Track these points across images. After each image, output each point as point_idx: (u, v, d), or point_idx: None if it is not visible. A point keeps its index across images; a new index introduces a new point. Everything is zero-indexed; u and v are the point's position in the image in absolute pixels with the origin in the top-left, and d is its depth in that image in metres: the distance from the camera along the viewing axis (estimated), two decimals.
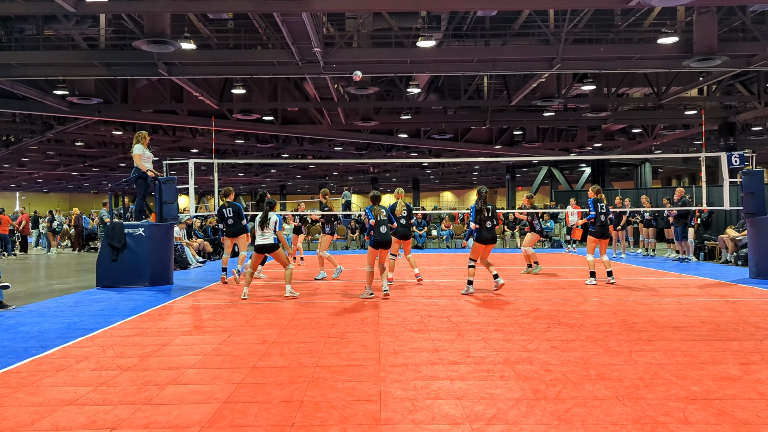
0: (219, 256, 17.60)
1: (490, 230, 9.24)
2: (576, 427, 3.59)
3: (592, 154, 32.15)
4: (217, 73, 17.10)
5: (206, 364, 5.12)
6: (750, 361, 5.02)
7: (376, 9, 14.12)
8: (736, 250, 13.65)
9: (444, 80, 22.77)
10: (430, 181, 60.83)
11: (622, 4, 12.11)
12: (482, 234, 9.17)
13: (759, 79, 20.83)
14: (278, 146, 33.00)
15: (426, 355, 5.32)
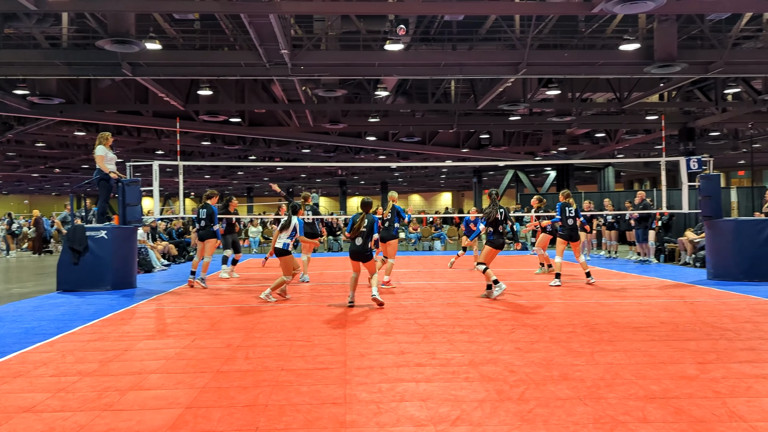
0: (184, 259, 17.37)
1: (502, 235, 9.09)
2: (538, 427, 3.64)
3: (557, 158, 32.68)
4: (183, 74, 16.87)
5: (169, 368, 5.05)
6: (706, 360, 5.16)
7: (343, 12, 14.13)
8: (695, 252, 14.02)
9: (412, 83, 22.89)
10: (398, 183, 60.97)
11: (586, 10, 12.35)
12: (497, 238, 8.99)
13: (716, 86, 21.45)
14: (245, 148, 32.70)
15: (392, 358, 5.34)
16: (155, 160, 12.10)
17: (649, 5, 11.38)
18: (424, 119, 26.40)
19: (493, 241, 8.99)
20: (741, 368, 4.88)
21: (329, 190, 65.07)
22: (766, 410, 3.87)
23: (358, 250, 8.12)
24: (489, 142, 31.38)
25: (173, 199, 59.24)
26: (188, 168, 41.11)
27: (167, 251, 16.30)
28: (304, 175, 53.32)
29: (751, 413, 3.82)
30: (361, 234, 8.12)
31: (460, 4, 12.95)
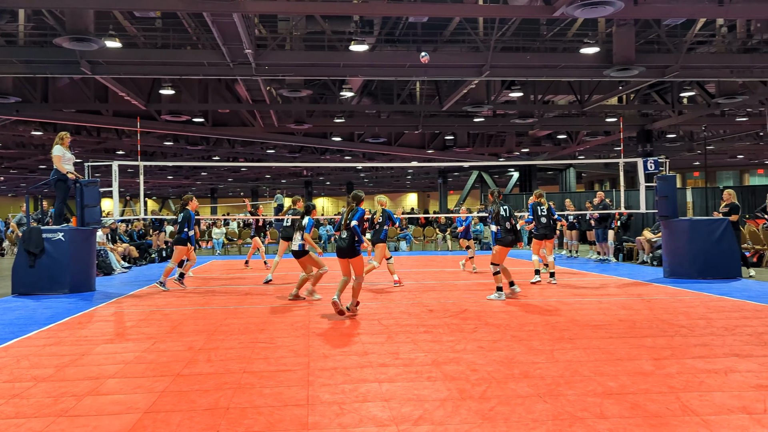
0: (146, 261, 17.06)
1: (509, 231, 8.88)
2: (499, 425, 3.69)
3: (520, 159, 33.15)
4: (144, 72, 16.58)
5: (128, 373, 4.96)
6: (662, 356, 5.30)
7: (308, 12, 14.07)
8: (652, 251, 14.38)
9: (377, 84, 22.94)
10: (364, 184, 61.00)
11: (547, 14, 12.57)
12: (505, 236, 8.82)
13: (673, 89, 22.07)
14: (209, 149, 32.31)
15: (355, 358, 5.34)
16: (115, 160, 11.87)
17: (608, 10, 11.65)
18: (390, 120, 26.49)
19: (501, 239, 8.83)
20: (694, 363, 5.02)
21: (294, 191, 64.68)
22: (717, 404, 4.00)
23: (343, 245, 7.50)
24: (454, 144, 31.67)
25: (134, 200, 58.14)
26: (150, 168, 40.38)
27: (128, 253, 16.00)
28: (268, 176, 52.91)
29: (702, 407, 3.94)
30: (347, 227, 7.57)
31: (425, 6, 13.04)
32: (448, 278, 11.95)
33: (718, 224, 11.14)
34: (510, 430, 3.61)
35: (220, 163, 36.71)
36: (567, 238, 17.60)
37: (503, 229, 8.80)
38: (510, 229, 8.81)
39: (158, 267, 15.92)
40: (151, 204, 66.35)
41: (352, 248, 7.47)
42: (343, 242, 7.50)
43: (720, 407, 3.93)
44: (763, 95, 20.81)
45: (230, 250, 22.56)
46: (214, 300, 9.25)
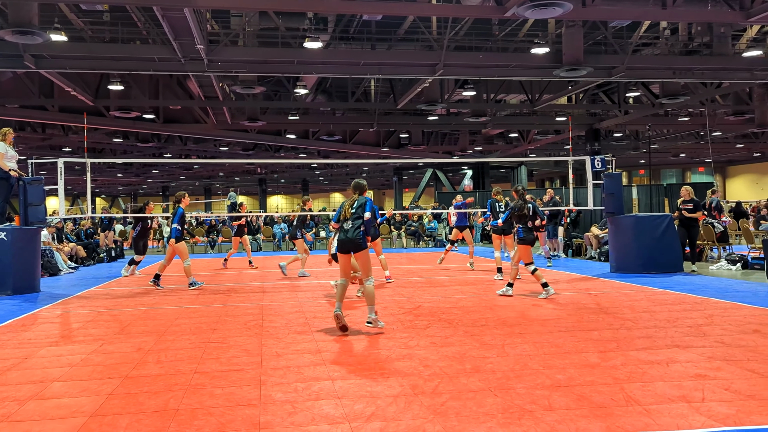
0: (94, 261, 16.60)
1: (532, 230, 8.81)
2: (450, 419, 3.74)
3: (473, 157, 33.59)
4: (91, 67, 16.10)
5: (74, 375, 4.83)
6: (607, 348, 5.47)
7: (260, 8, 13.94)
8: (599, 246, 14.80)
9: (332, 82, 22.88)
10: (319, 182, 60.74)
11: (499, 14, 12.77)
12: (527, 235, 8.70)
13: (619, 90, 22.73)
14: (160, 146, 31.61)
15: (309, 357, 5.34)
16: (61, 157, 11.50)
17: (557, 11, 11.91)
18: (345, 118, 26.45)
19: (524, 238, 8.69)
20: (638, 355, 5.20)
21: (248, 189, 63.92)
22: (659, 394, 4.15)
23: (348, 237, 6.47)
24: (408, 142, 31.85)
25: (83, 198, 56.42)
26: (98, 166, 39.25)
27: (75, 253, 15.53)
28: (222, 174, 52.12)
29: (645, 397, 4.09)
30: (352, 217, 6.57)
31: (378, 4, 13.07)
32: (402, 275, 12.03)
33: (661, 220, 11.54)
34: (461, 424, 3.67)
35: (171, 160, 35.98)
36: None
37: (525, 228, 8.68)
38: (532, 229, 8.73)
39: (107, 267, 15.52)
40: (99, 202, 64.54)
41: (357, 241, 6.47)
42: (347, 234, 6.48)
43: (661, 396, 4.08)
44: (704, 96, 21.66)
45: None
46: (165, 300, 9.07)
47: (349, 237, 6.48)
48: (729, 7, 12.88)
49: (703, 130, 28.54)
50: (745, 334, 5.97)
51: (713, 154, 34.24)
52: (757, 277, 10.81)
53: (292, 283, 10.99)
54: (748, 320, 6.67)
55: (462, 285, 10.37)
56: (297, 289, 10.21)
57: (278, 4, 13.31)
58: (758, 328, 6.22)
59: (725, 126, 28.26)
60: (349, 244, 6.49)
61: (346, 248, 6.55)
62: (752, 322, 6.54)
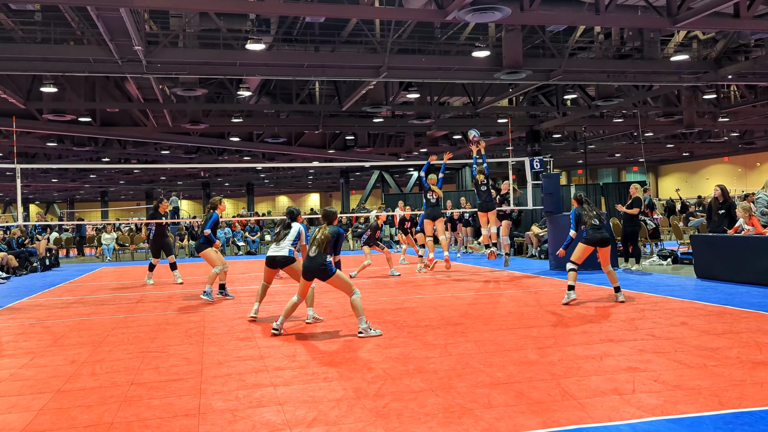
0: (26, 270, 15.93)
1: (598, 229, 8.08)
2: (392, 421, 3.77)
3: (419, 158, 33.87)
4: (21, 69, 15.42)
5: (1, 391, 4.62)
6: (545, 345, 5.62)
7: (201, 9, 13.67)
8: (540, 245, 15.18)
9: (276, 84, 22.65)
10: (264, 185, 59.98)
11: (441, 17, 12.92)
12: (590, 233, 8.07)
13: (557, 92, 23.38)
14: (97, 150, 30.57)
15: (251, 363, 5.28)
16: None
17: (497, 15, 12.15)
18: (290, 120, 26.23)
19: (586, 238, 8.09)
20: (574, 351, 5.37)
21: (192, 193, 62.53)
22: (593, 387, 4.30)
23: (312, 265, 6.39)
24: (354, 144, 31.86)
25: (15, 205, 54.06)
26: (32, 171, 37.64)
27: (6, 263, 14.85)
28: (164, 178, 50.79)
29: (580, 391, 4.22)
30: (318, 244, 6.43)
31: (321, 6, 13.02)
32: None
33: None
34: (402, 425, 3.70)
35: (110, 165, 34.82)
36: (462, 234, 18.20)
37: (589, 227, 8.08)
38: (598, 227, 8.09)
39: (41, 276, 14.92)
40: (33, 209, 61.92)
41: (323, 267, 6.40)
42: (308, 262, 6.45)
43: (595, 390, 4.23)
44: (636, 98, 22.51)
45: (121, 257, 21.49)
46: (101, 309, 8.79)
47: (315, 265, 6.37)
48: (657, 13, 13.42)
49: (636, 131, 29.66)
50: (673, 326, 6.25)
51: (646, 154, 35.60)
52: (686, 271, 11.32)
53: (235, 288, 10.83)
54: (677, 313, 6.98)
55: (407, 285, 10.44)
56: (240, 294, 10.06)
57: (218, 5, 13.08)
58: (686, 321, 6.51)
59: (656, 127, 29.44)
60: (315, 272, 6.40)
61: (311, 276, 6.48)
62: (681, 315, 6.85)
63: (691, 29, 16.26)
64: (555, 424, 3.64)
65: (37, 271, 16.34)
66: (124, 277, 13.85)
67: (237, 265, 16.65)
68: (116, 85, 21.09)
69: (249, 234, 22.42)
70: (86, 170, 42.21)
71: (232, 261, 17.31)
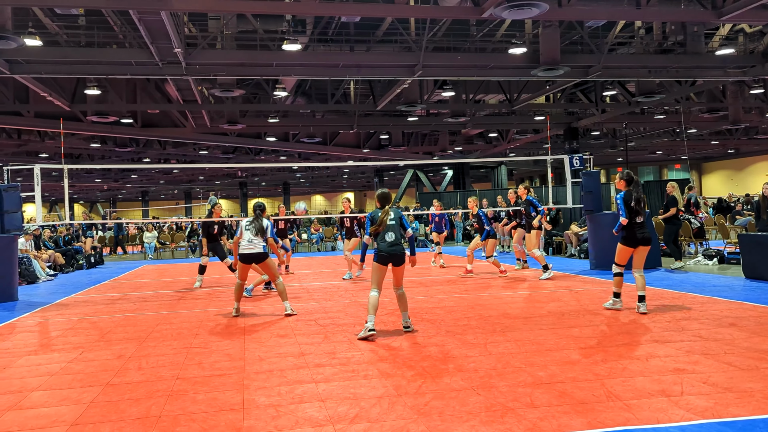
0: (73, 268, 16.39)
1: (641, 227, 7.11)
2: (434, 419, 3.77)
3: (454, 157, 33.71)
4: (67, 72, 15.88)
5: (53, 384, 4.77)
6: (588, 345, 5.53)
7: (238, 10, 13.86)
8: (579, 244, 14.94)
9: (311, 84, 22.82)
10: (300, 184, 60.51)
11: (477, 15, 12.83)
12: (631, 232, 7.10)
13: (596, 89, 22.98)
14: (139, 150, 31.26)
15: (292, 360, 5.33)
16: (37, 163, 11.34)
17: (534, 11, 12.01)
18: (325, 120, 26.40)
19: (626, 238, 7.19)
20: (618, 351, 5.27)
21: (229, 193, 63.49)
22: (639, 389, 4.21)
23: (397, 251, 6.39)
24: (389, 143, 31.86)
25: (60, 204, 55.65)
26: (76, 172, 38.73)
27: (54, 260, 15.31)
28: (202, 178, 51.69)
29: (625, 392, 4.15)
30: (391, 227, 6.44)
31: (356, 6, 13.07)
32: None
33: None
34: (444, 423, 3.69)
35: (150, 165, 35.61)
36: (500, 233, 18.03)
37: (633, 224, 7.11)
38: (641, 225, 7.13)
39: (86, 274, 15.33)
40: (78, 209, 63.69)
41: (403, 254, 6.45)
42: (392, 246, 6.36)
43: (641, 391, 4.15)
44: (679, 94, 21.97)
45: (163, 255, 21.94)
46: (145, 306, 8.99)
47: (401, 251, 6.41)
48: (701, 6, 13.09)
49: (678, 128, 28.95)
50: (722, 327, 6.08)
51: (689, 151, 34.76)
52: (733, 271, 11.00)
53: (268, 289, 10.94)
54: (724, 314, 6.79)
55: (444, 285, 10.41)
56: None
57: (256, 6, 13.25)
58: (735, 322, 6.33)
59: (700, 123, 28.69)
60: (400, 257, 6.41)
61: (398, 261, 6.43)
62: (729, 316, 6.66)
63: (737, 22, 15.79)
64: (601, 424, 3.58)
65: (83, 269, 16.79)
66: (165, 275, 14.14)
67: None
68: (156, 87, 21.54)
69: None
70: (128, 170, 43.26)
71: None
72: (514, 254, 13.94)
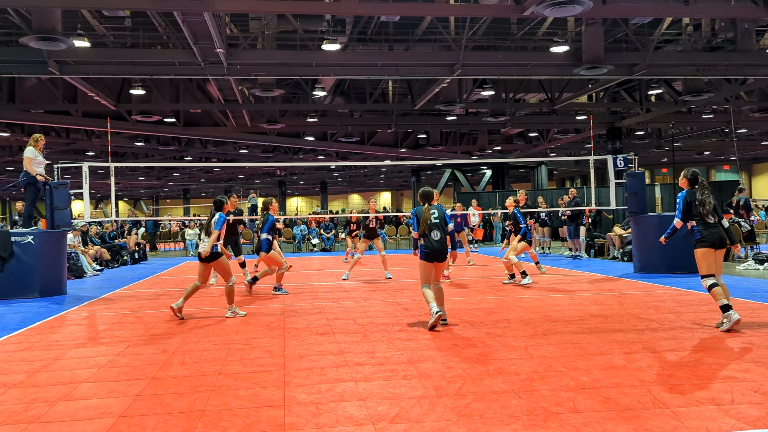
0: (118, 263, 16.82)
1: (714, 227, 6.26)
2: (474, 421, 3.73)
3: (493, 157, 33.43)
4: (113, 72, 16.34)
5: (101, 377, 4.90)
6: (633, 350, 5.40)
7: (279, 11, 14.02)
8: (622, 246, 14.64)
9: (350, 83, 22.93)
10: (337, 183, 60.90)
11: (518, 13, 12.70)
12: (705, 233, 6.27)
13: (641, 87, 22.47)
14: (181, 149, 31.94)
15: (331, 358, 5.35)
16: (85, 161, 11.68)
17: (577, 9, 11.81)
18: (363, 119, 26.50)
19: (701, 240, 6.31)
20: (664, 357, 5.14)
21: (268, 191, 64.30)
22: (686, 396, 4.09)
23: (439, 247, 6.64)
24: (427, 142, 31.79)
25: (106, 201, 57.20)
26: (121, 170, 39.78)
27: (99, 256, 15.75)
28: (242, 176, 52.50)
29: (673, 399, 4.03)
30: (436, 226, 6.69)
31: (396, 5, 13.07)
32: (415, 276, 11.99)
33: None
34: (485, 425, 3.65)
35: (192, 163, 36.33)
36: (539, 235, 17.81)
37: (705, 224, 6.31)
38: (714, 225, 6.30)
39: (130, 269, 15.72)
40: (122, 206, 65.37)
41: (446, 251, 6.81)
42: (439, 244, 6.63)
43: (689, 399, 4.03)
44: (729, 93, 21.32)
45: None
46: (187, 302, 9.13)
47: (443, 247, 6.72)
48: (752, 2, 12.67)
49: (727, 128, 28.09)
50: None
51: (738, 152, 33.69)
52: None
53: (312, 285, 11.04)
54: None
55: (482, 286, 10.32)
56: (317, 290, 10.24)
57: (296, 6, 13.38)
58: None
59: (751, 123, 27.79)
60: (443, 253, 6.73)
61: (442, 258, 6.75)
62: None
63: None
64: None
65: (127, 264, 17.23)
66: None
67: (311, 261, 16.97)
68: (198, 87, 21.95)
69: (324, 231, 22.79)
70: (170, 168, 44.20)
71: (307, 258, 17.68)
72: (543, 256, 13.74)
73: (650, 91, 23.03)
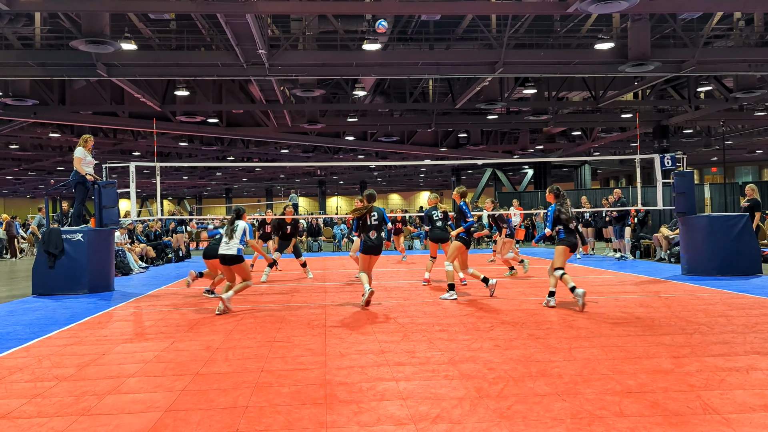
0: (162, 261, 17.20)
1: (573, 233, 7.89)
2: (517, 424, 3.68)
3: (534, 156, 32.98)
4: (158, 74, 16.72)
5: (147, 372, 5.01)
6: (681, 354, 5.25)
7: (320, 11, 14.13)
8: (670, 247, 14.25)
9: (390, 83, 22.95)
10: (377, 183, 61.02)
11: (561, 10, 12.49)
12: (568, 236, 7.80)
13: (689, 84, 21.83)
14: (223, 149, 32.50)
15: (372, 357, 5.35)
16: (132, 161, 11.98)
17: (623, 5, 11.54)
18: (403, 119, 26.49)
19: (563, 240, 7.89)
20: (714, 362, 4.97)
21: (308, 191, 64.92)
22: (739, 402, 3.95)
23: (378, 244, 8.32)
24: (467, 141, 31.58)
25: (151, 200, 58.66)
26: (165, 169, 40.73)
27: (145, 253, 16.14)
28: (283, 176, 53.13)
29: (724, 405, 3.90)
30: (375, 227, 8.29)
31: (437, 4, 13.01)
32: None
33: (737, 220, 11.00)
34: (528, 428, 3.60)
35: (234, 163, 36.93)
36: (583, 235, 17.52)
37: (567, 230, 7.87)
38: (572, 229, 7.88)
39: (175, 267, 16.06)
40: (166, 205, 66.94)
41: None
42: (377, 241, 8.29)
43: (742, 405, 3.89)
44: None
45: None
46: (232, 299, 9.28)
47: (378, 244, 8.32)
48: None
49: None
50: None
51: None
52: None
53: (353, 284, 11.08)
54: None
55: (523, 286, 10.19)
56: (358, 289, 10.27)
57: (337, 7, 13.46)
58: None
59: None
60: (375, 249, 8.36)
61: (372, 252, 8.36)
62: None
63: None
64: None
65: (172, 262, 17.61)
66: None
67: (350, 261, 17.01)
68: (241, 88, 22.29)
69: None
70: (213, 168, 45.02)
71: (345, 257, 17.73)
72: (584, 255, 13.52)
73: (699, 88, 22.36)
